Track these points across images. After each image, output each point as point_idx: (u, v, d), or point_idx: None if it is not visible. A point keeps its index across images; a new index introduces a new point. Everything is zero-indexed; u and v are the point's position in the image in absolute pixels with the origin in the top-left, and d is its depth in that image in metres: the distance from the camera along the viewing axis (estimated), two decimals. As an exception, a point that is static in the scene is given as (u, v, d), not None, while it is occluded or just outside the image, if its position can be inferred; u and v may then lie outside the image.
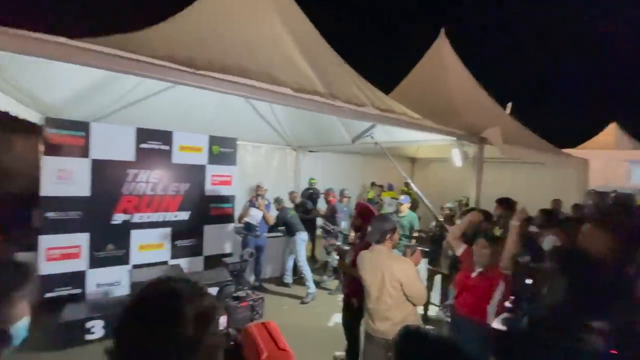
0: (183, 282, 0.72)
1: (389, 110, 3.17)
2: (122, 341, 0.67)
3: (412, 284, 2.15)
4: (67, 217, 3.68)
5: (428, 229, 4.30)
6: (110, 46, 1.80)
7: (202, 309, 0.69)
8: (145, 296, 0.69)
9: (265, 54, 2.79)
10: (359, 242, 2.91)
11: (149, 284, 0.72)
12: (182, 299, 0.68)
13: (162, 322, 0.66)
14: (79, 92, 3.78)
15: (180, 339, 0.66)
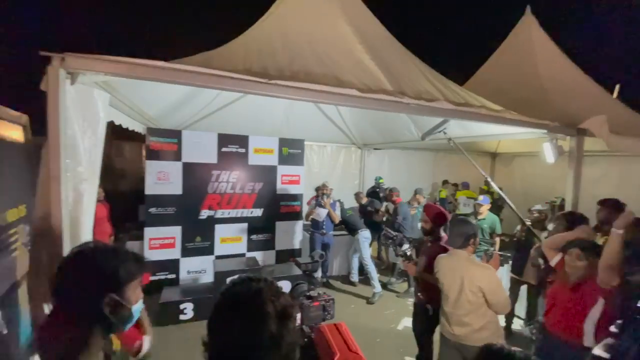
0: (262, 281, 0.78)
1: (465, 104, 2.91)
2: (214, 335, 0.75)
3: (495, 292, 2.09)
4: (165, 212, 4.29)
5: (512, 234, 3.85)
6: (197, 64, 2.04)
7: (281, 307, 0.74)
8: (232, 295, 0.77)
9: (331, 56, 2.82)
10: (430, 245, 2.78)
11: (233, 283, 0.79)
12: (265, 298, 0.73)
13: (249, 320, 0.72)
14: (171, 105, 4.37)
15: (265, 335, 0.71)
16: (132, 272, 0.92)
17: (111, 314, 0.88)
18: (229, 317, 0.75)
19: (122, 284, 0.91)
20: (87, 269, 0.86)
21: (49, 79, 1.64)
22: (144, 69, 1.79)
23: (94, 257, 0.87)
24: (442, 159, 8.30)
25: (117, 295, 0.89)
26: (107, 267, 0.87)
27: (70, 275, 0.85)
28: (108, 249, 0.91)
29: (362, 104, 2.46)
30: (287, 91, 2.22)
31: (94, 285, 0.86)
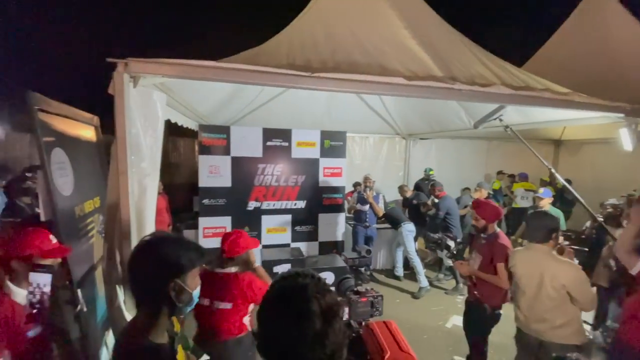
0: (309, 277, 0.78)
1: (525, 87, 2.64)
2: (262, 326, 0.77)
3: (581, 289, 2.02)
4: (216, 203, 4.56)
5: (580, 231, 3.46)
6: (243, 62, 2.10)
7: (326, 305, 0.74)
8: (279, 289, 0.78)
9: (375, 43, 2.72)
10: (485, 243, 2.61)
11: (282, 277, 0.81)
12: (310, 295, 0.73)
13: (292, 315, 0.73)
14: (219, 102, 4.59)
15: (309, 332, 0.72)
16: (193, 260, 1.00)
17: (176, 297, 0.96)
18: (274, 310, 0.76)
19: (184, 271, 0.99)
20: (156, 257, 0.95)
21: (115, 83, 1.80)
22: (196, 70, 1.88)
23: (162, 247, 0.96)
24: (497, 148, 7.69)
25: (180, 280, 0.97)
26: (173, 255, 0.96)
27: (141, 263, 0.95)
28: (173, 240, 1.00)
29: (409, 93, 2.35)
30: (329, 83, 2.20)
31: (162, 272, 0.96)
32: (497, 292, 2.53)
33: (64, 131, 2.08)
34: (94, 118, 2.66)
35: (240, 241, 2.10)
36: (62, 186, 1.97)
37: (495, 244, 2.54)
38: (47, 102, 1.82)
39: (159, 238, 1.00)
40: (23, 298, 1.40)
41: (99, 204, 2.54)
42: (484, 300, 2.57)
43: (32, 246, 1.42)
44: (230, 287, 1.94)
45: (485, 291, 2.57)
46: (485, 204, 2.74)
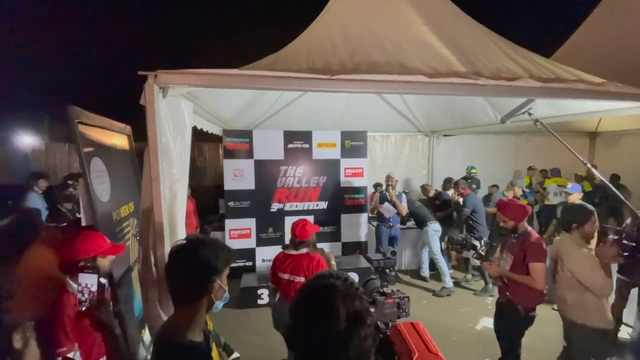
0: (341, 280, 0.79)
1: (555, 79, 2.52)
2: (293, 321, 0.80)
3: (583, 274, 2.23)
4: (241, 205, 4.70)
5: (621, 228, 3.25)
6: (264, 68, 2.15)
7: (353, 309, 0.75)
8: (310, 287, 0.80)
9: (394, 42, 2.69)
10: (516, 242, 2.52)
11: (316, 276, 0.83)
12: (337, 296, 0.75)
13: (317, 313, 0.75)
14: (241, 107, 4.71)
15: (332, 333, 0.73)
16: (227, 260, 1.07)
17: (214, 295, 1.03)
18: (303, 306, 0.79)
19: (222, 270, 1.05)
20: (197, 260, 1.02)
21: (146, 94, 1.90)
22: (220, 78, 1.96)
23: (200, 250, 1.03)
24: (526, 143, 7.36)
25: (218, 279, 1.03)
26: (212, 257, 1.03)
27: (181, 266, 1.01)
28: (208, 242, 1.06)
29: (430, 90, 2.32)
30: (349, 85, 2.20)
31: (204, 273, 1.03)
32: (530, 293, 2.43)
33: (101, 141, 2.23)
34: (126, 127, 2.82)
35: (307, 227, 2.70)
36: (100, 193, 2.11)
37: (527, 243, 2.44)
38: (85, 114, 1.95)
39: (196, 242, 1.06)
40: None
41: (133, 209, 2.69)
42: (516, 302, 2.47)
43: (95, 248, 1.58)
44: (303, 264, 2.51)
45: (518, 292, 2.48)
46: (509, 204, 2.63)
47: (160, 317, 1.97)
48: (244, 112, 4.87)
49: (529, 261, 2.40)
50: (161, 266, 2.00)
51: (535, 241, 2.45)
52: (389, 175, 4.91)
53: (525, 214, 2.54)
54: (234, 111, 4.69)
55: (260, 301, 4.11)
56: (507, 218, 2.55)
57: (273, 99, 4.91)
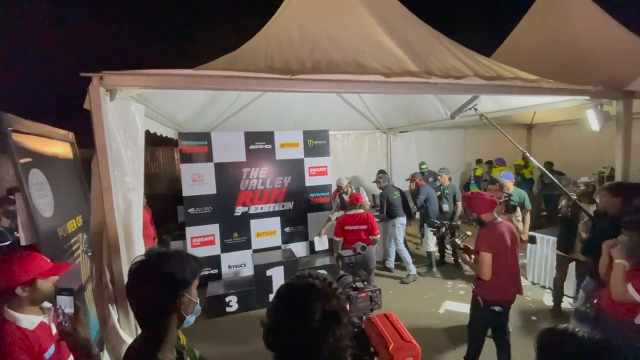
0: (319, 279, 0.80)
1: (496, 77, 2.76)
2: (269, 319, 0.79)
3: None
4: (202, 211, 4.50)
5: (557, 209, 3.65)
6: (222, 68, 2.09)
7: (330, 308, 0.76)
8: (287, 285, 0.80)
9: (350, 41, 2.76)
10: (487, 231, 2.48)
11: (295, 275, 0.83)
12: (314, 295, 0.76)
13: (295, 310, 0.76)
14: (198, 109, 4.52)
15: (307, 331, 0.74)
16: (195, 271, 1.01)
17: (184, 310, 0.97)
18: (280, 304, 0.79)
19: (189, 283, 0.99)
20: (162, 275, 0.94)
21: (91, 98, 1.75)
22: (174, 79, 1.86)
23: (164, 264, 0.96)
24: (473, 136, 7.96)
25: (187, 293, 0.97)
26: (177, 270, 0.96)
27: (145, 282, 0.93)
28: (172, 255, 0.99)
29: (387, 90, 2.41)
30: (309, 85, 2.22)
31: (170, 288, 0.96)
32: (485, 284, 2.38)
33: (40, 150, 2.01)
34: (69, 134, 2.57)
35: (360, 196, 4.07)
36: (42, 207, 1.91)
37: (480, 232, 2.48)
38: (20, 122, 1.75)
39: (157, 256, 0.98)
40: (29, 323, 1.37)
41: (82, 223, 2.46)
42: (476, 293, 2.51)
43: (33, 269, 1.38)
44: (364, 218, 3.83)
45: (477, 283, 2.50)
46: (470, 197, 2.61)
47: (121, 338, 1.84)
48: (201, 113, 4.69)
49: (476, 248, 2.45)
50: (118, 283, 1.86)
51: (484, 230, 2.45)
52: (339, 183, 5.02)
53: (485, 205, 2.48)
54: (190, 113, 4.49)
55: (229, 309, 3.99)
56: (470, 210, 2.59)
57: (231, 100, 4.77)
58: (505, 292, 2.43)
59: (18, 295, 1.34)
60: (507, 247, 2.39)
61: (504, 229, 2.43)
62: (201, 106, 4.48)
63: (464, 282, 4.50)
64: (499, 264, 2.35)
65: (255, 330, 0.81)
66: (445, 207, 4.98)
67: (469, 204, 2.59)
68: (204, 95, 4.20)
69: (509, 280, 2.42)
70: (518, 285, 2.48)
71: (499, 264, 2.35)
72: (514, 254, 2.45)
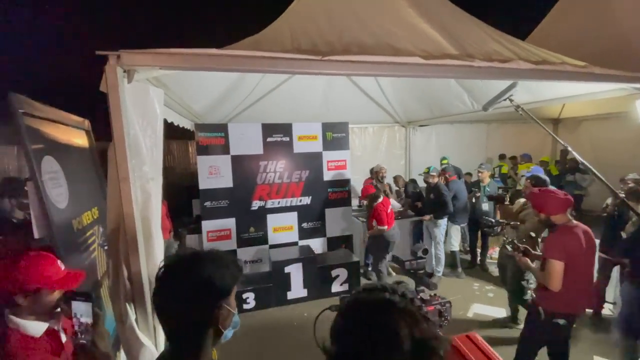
0: (399, 294, 0.62)
1: (543, 62, 2.50)
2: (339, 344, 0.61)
3: None
4: (218, 205, 4.38)
5: (601, 209, 3.37)
6: (247, 49, 1.91)
7: (420, 336, 0.57)
8: (360, 302, 0.62)
9: (381, 24, 2.54)
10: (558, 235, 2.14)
11: (363, 289, 0.65)
12: (398, 317, 0.57)
13: (374, 339, 0.57)
14: (215, 99, 4.38)
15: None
16: (235, 277, 0.84)
17: (222, 323, 0.81)
18: (348, 327, 0.61)
19: (229, 292, 0.83)
20: (199, 282, 0.78)
21: (108, 79, 1.60)
22: (198, 59, 1.69)
23: (201, 268, 0.79)
24: (496, 131, 7.61)
25: (226, 303, 0.81)
26: (217, 275, 0.79)
27: (178, 290, 0.77)
28: (211, 256, 0.82)
29: (426, 72, 2.20)
30: (341, 67, 2.02)
31: (209, 297, 0.79)
32: (550, 293, 2.06)
33: (54, 137, 1.88)
34: (84, 121, 2.45)
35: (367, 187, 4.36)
36: (56, 198, 1.78)
37: (551, 237, 2.16)
38: (32, 105, 1.61)
39: (192, 257, 0.81)
40: (35, 330, 1.20)
41: (98, 215, 2.35)
42: (537, 303, 2.17)
43: (38, 278, 1.19)
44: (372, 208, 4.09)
45: (540, 290, 2.17)
46: (538, 194, 2.25)
47: (139, 339, 1.70)
48: (218, 104, 4.55)
49: (545, 255, 2.12)
50: (136, 281, 1.73)
51: (556, 234, 2.13)
52: (380, 166, 4.81)
53: (559, 204, 2.14)
54: (207, 104, 4.36)
55: (246, 305, 3.86)
56: (537, 210, 2.25)
57: (248, 91, 4.62)
58: (574, 305, 2.11)
59: (19, 304, 1.17)
60: (583, 255, 2.06)
61: (580, 233, 2.08)
62: (218, 97, 4.33)
63: (492, 284, 4.26)
64: (570, 274, 2.02)
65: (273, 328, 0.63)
66: (485, 206, 4.61)
67: (537, 203, 2.23)
68: (222, 85, 4.06)
69: (581, 291, 2.08)
70: (589, 298, 2.17)
71: (570, 274, 2.02)
72: (589, 263, 2.12)
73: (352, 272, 4.26)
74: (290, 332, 3.41)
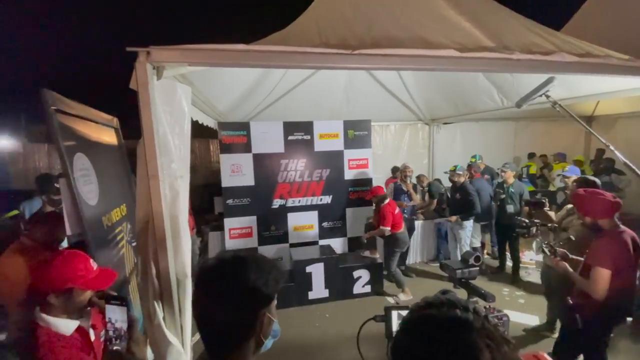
0: (472, 312, 0.54)
1: (587, 55, 2.32)
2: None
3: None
4: (240, 203, 4.39)
5: None
6: (275, 44, 1.86)
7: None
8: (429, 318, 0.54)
9: (411, 17, 2.44)
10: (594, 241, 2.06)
11: (427, 303, 0.57)
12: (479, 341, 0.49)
13: None
14: (238, 97, 4.39)
15: None
16: (277, 282, 0.78)
17: (263, 332, 0.76)
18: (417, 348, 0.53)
19: (272, 298, 0.77)
20: (242, 288, 0.72)
21: (138, 76, 1.59)
22: (227, 54, 1.66)
23: (244, 273, 0.73)
24: (524, 129, 7.27)
25: (268, 311, 0.76)
26: (260, 282, 0.73)
27: (222, 295, 0.71)
28: (253, 260, 0.76)
29: (461, 67, 2.08)
30: (372, 60, 1.94)
31: (252, 305, 0.73)
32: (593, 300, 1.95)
33: (85, 134, 1.90)
34: (113, 119, 2.48)
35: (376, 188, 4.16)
36: (87, 195, 1.80)
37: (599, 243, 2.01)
38: (64, 102, 1.63)
39: (234, 261, 0.75)
40: (66, 327, 1.20)
41: (126, 212, 2.37)
42: (575, 310, 2.04)
43: (72, 277, 1.18)
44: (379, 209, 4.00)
45: (579, 297, 2.04)
46: (584, 196, 2.08)
47: (167, 338, 1.69)
48: (240, 103, 4.57)
49: (590, 262, 2.00)
50: (164, 279, 1.72)
51: (605, 240, 1.99)
52: (405, 165, 4.68)
53: (607, 208, 2.00)
54: (229, 103, 4.38)
55: (267, 304, 3.85)
56: (582, 213, 2.11)
57: (270, 88, 4.60)
58: (615, 314, 2.00)
59: (52, 303, 1.17)
60: (631, 263, 1.94)
61: (628, 239, 1.95)
62: (240, 96, 4.34)
63: (522, 290, 4.06)
64: (615, 281, 1.90)
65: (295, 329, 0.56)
66: (509, 207, 4.35)
67: (582, 206, 2.08)
68: (245, 83, 4.05)
69: (623, 299, 1.96)
70: (631, 306, 2.01)
71: (615, 281, 1.90)
72: (634, 270, 1.99)
73: (374, 274, 4.17)
74: (312, 333, 3.37)
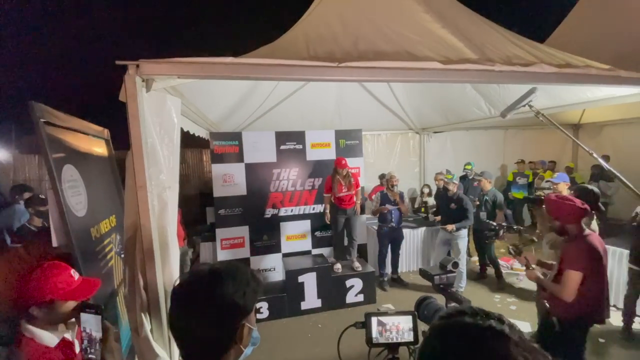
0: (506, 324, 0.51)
1: (567, 65, 2.41)
2: None
3: None
4: (232, 213, 4.37)
5: (630, 218, 3.20)
6: (263, 57, 1.91)
7: None
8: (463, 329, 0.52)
9: (397, 30, 2.52)
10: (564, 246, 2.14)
11: (457, 309, 0.56)
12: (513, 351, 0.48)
13: None
14: (229, 108, 4.43)
15: None
16: (257, 293, 0.79)
17: (243, 342, 0.76)
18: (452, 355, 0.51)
19: (251, 309, 0.78)
20: (221, 300, 0.72)
21: (127, 88, 1.61)
22: (216, 67, 1.70)
23: (222, 284, 0.74)
24: (514, 137, 7.43)
25: (247, 321, 0.76)
26: (238, 293, 0.74)
27: (198, 310, 0.72)
28: (229, 272, 0.77)
29: (445, 78, 2.14)
30: (358, 73, 2.00)
31: (228, 318, 0.74)
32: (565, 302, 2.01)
33: (74, 146, 1.91)
34: (104, 131, 2.49)
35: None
36: (75, 206, 1.79)
37: (569, 247, 2.08)
38: (53, 113, 1.64)
39: (210, 275, 0.75)
40: (50, 339, 1.19)
41: (115, 223, 2.36)
42: (552, 312, 2.09)
43: (51, 289, 1.17)
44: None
45: (551, 299, 2.09)
46: (554, 201, 2.13)
47: (154, 351, 1.68)
48: (232, 113, 4.61)
49: (563, 266, 2.04)
50: (152, 290, 1.71)
51: (575, 244, 2.05)
52: (391, 175, 4.72)
53: (575, 213, 2.05)
54: (221, 113, 4.42)
55: (259, 315, 3.81)
56: (553, 217, 2.14)
57: (262, 98, 4.66)
58: (589, 314, 2.05)
59: (35, 315, 1.17)
60: (601, 265, 2.01)
61: (597, 242, 2.02)
62: (232, 106, 4.39)
63: (514, 297, 4.09)
64: (587, 284, 1.97)
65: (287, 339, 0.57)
66: (483, 215, 4.38)
67: (552, 210, 2.14)
68: (236, 94, 4.10)
69: (596, 300, 2.02)
70: (605, 306, 2.06)
71: (587, 284, 1.97)
72: (604, 271, 2.05)
73: (367, 283, 4.17)
74: (305, 344, 3.34)
